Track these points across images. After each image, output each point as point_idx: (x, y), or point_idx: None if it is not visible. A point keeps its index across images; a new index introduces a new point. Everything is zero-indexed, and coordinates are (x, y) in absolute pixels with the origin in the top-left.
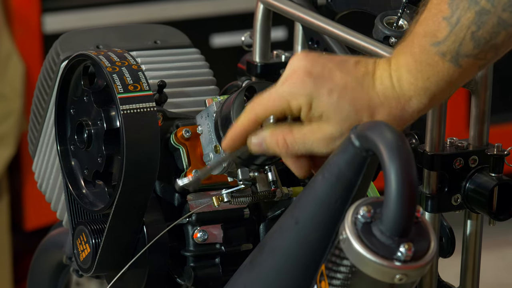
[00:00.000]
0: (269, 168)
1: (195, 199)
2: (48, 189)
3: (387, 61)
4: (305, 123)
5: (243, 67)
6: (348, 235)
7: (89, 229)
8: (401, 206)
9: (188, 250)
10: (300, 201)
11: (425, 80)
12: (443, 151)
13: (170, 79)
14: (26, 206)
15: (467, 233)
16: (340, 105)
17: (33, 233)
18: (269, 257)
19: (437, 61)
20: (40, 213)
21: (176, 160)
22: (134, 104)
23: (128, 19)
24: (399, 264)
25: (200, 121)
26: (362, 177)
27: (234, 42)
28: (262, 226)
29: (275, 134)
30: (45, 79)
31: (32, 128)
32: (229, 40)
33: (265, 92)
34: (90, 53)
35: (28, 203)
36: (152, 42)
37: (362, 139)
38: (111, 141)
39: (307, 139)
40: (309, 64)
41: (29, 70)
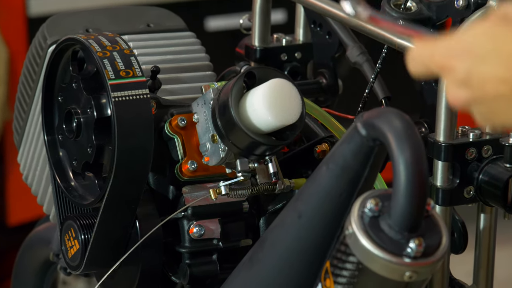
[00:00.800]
0: (270, 159)
1: (191, 192)
2: (34, 181)
3: None
4: None
5: (242, 52)
6: (355, 230)
7: (78, 224)
8: (411, 199)
9: (184, 246)
10: (303, 194)
11: None
12: (454, 140)
13: (164, 64)
14: (9, 200)
15: (480, 227)
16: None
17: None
18: (270, 253)
19: None
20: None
21: (171, 150)
22: (126, 91)
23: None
24: (409, 260)
25: (196, 109)
26: (368, 168)
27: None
28: (262, 220)
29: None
30: (31, 65)
31: (17, 117)
32: (225, 23)
33: None
34: (79, 37)
35: (11, 197)
36: (145, 25)
37: (369, 128)
38: (102, 130)
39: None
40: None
41: (13, 55)
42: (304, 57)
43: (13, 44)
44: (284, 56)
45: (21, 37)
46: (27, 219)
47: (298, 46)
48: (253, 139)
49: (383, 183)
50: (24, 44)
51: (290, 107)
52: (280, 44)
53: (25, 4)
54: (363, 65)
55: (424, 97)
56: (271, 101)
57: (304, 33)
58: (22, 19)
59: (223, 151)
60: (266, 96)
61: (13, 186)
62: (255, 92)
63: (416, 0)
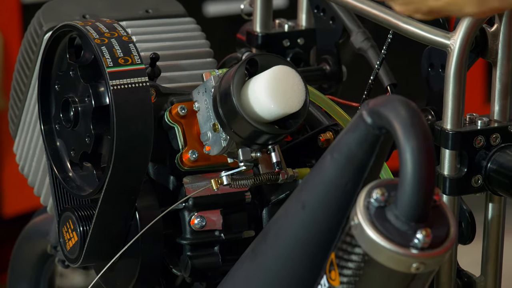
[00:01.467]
0: (273, 148)
1: (192, 182)
2: (31, 172)
3: None
4: None
5: (243, 38)
6: (360, 220)
7: (77, 216)
8: (418, 189)
9: (185, 238)
10: (307, 183)
11: None
12: (462, 128)
13: (164, 51)
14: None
15: (488, 217)
16: None
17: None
18: (274, 245)
19: None
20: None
21: (171, 140)
22: (124, 79)
23: None
24: (416, 251)
25: (197, 97)
26: (374, 158)
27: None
28: (265, 211)
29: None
30: (27, 52)
31: (13, 106)
32: (224, 8)
33: None
34: (77, 24)
35: (6, 188)
36: (143, 11)
37: (374, 116)
38: (100, 119)
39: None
40: None
41: (7, 42)
42: (307, 43)
43: (7, 30)
44: (286, 42)
45: (15, 24)
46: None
47: (300, 32)
48: (256, 127)
49: (389, 172)
50: (18, 31)
51: (293, 95)
52: (282, 30)
53: None
54: (367, 51)
55: (431, 84)
56: (274, 88)
57: (307, 18)
58: (16, 5)
59: (225, 140)
60: (268, 83)
61: (8, 176)
62: (257, 80)
63: None
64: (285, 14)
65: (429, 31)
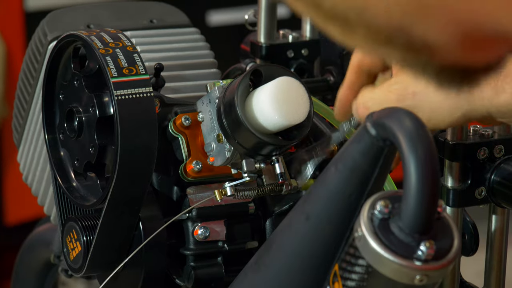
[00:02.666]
0: (277, 159)
1: (196, 193)
2: (35, 181)
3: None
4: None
5: (247, 48)
6: (364, 232)
7: (80, 226)
8: (422, 201)
9: (188, 248)
10: (311, 195)
11: None
12: (466, 140)
13: (168, 61)
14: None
15: (492, 229)
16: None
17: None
18: (277, 256)
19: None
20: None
21: (175, 150)
22: (129, 89)
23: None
24: (420, 263)
25: (201, 108)
26: (378, 169)
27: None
28: (269, 222)
29: (361, 93)
30: (31, 62)
31: (17, 115)
32: (227, 17)
33: None
34: (81, 34)
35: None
36: (148, 21)
37: (378, 128)
38: (104, 129)
39: (381, 96)
40: None
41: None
42: (311, 54)
43: (10, 39)
44: (290, 53)
45: (18, 32)
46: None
47: (305, 42)
48: (260, 139)
49: (393, 184)
50: (22, 39)
51: (297, 106)
52: (287, 40)
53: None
54: None
55: None
56: (278, 99)
57: (311, 29)
58: (19, 14)
59: (229, 151)
60: (273, 94)
61: (11, 185)
62: (261, 91)
63: None
64: (288, 24)
65: None
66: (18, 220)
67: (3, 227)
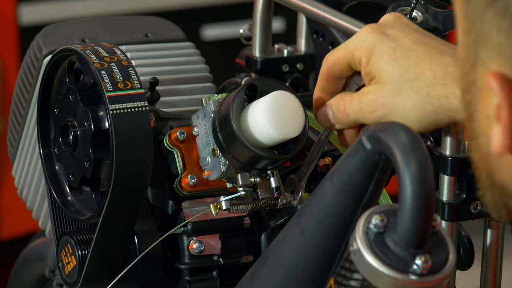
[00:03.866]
0: (272, 173)
1: (191, 207)
2: (30, 196)
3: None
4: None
5: (242, 63)
6: (360, 246)
7: (75, 240)
8: (417, 215)
9: (183, 263)
10: (306, 209)
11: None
12: (461, 154)
13: (163, 75)
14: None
15: (487, 243)
16: (395, 68)
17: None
18: (272, 270)
19: None
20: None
21: (170, 164)
22: (124, 103)
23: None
24: (415, 278)
25: (196, 122)
26: (374, 183)
27: (228, 34)
28: (264, 236)
29: (339, 98)
30: (26, 76)
31: (12, 129)
32: (222, 31)
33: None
34: (76, 48)
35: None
36: (143, 35)
37: (374, 141)
38: (99, 143)
39: (357, 106)
40: (388, 21)
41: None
42: (306, 68)
43: (4, 53)
44: (285, 67)
45: (12, 47)
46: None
47: (300, 57)
48: (255, 153)
49: (388, 198)
50: (16, 53)
51: (293, 120)
52: (282, 55)
53: (16, 13)
54: None
55: None
56: (274, 114)
57: (306, 43)
58: (13, 28)
59: (224, 165)
60: (268, 109)
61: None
62: (257, 105)
63: (422, 10)
64: (283, 38)
65: None
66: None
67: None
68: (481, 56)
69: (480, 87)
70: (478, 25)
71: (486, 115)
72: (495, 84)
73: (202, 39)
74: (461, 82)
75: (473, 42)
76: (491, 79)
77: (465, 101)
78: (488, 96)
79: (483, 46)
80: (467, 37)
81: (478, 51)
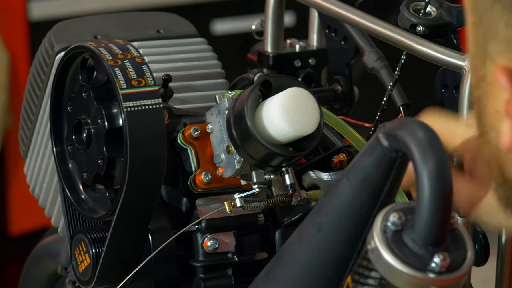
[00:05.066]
0: (286, 170)
1: (205, 204)
2: (42, 193)
3: None
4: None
5: (254, 58)
6: (377, 244)
7: (89, 238)
8: (435, 213)
9: (198, 260)
10: (322, 206)
11: None
12: None
13: (176, 72)
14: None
15: (502, 239)
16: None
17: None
18: (288, 268)
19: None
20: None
21: (184, 162)
22: (138, 100)
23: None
24: (433, 276)
25: (211, 119)
26: (391, 181)
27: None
28: (278, 233)
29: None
30: (38, 73)
31: (24, 126)
32: (232, 26)
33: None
34: (89, 45)
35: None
36: (155, 32)
37: (391, 139)
38: (113, 141)
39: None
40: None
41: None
42: (318, 63)
43: (14, 49)
44: (298, 62)
45: (22, 42)
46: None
47: (312, 52)
48: (270, 150)
49: (404, 196)
50: (26, 49)
51: (308, 117)
52: (294, 50)
53: (26, 8)
54: (380, 71)
55: (444, 105)
56: (289, 111)
57: (318, 38)
58: (23, 23)
59: (239, 162)
60: (283, 105)
61: (15, 196)
62: (271, 102)
63: (436, 5)
64: (294, 33)
65: (444, 53)
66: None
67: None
68: (490, 51)
69: (490, 82)
70: (486, 20)
71: (495, 110)
72: (504, 78)
73: (212, 33)
74: (472, 77)
75: (481, 37)
76: (500, 73)
77: (475, 96)
78: (498, 91)
79: (492, 41)
80: (476, 32)
81: (487, 46)
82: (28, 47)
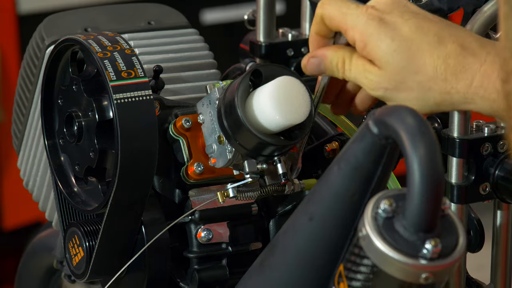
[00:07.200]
0: (279, 159)
1: (198, 195)
2: (36, 187)
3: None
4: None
5: (246, 48)
6: (369, 231)
7: (82, 231)
8: (426, 199)
9: (191, 251)
10: (314, 195)
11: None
12: (469, 135)
13: (167, 63)
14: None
15: (497, 225)
16: (396, 60)
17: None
18: (281, 257)
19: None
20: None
21: (176, 153)
22: (128, 92)
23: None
24: (425, 262)
25: (202, 109)
26: (381, 168)
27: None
28: (272, 222)
29: (338, 54)
30: (29, 67)
31: (16, 121)
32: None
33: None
34: (79, 37)
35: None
36: (146, 23)
37: (380, 126)
38: (104, 133)
39: (359, 74)
40: (387, 5)
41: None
42: None
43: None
44: (290, 51)
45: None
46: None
47: (304, 40)
48: (261, 139)
49: (396, 182)
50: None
51: (298, 106)
52: (286, 39)
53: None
54: None
55: None
56: (279, 99)
57: (310, 27)
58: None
59: (230, 152)
60: (273, 94)
61: (8, 190)
62: (262, 91)
63: None
64: (283, 22)
65: None
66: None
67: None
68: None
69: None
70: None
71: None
72: None
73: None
74: (501, 70)
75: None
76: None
77: (505, 91)
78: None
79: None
80: (507, 22)
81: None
82: (18, 41)
